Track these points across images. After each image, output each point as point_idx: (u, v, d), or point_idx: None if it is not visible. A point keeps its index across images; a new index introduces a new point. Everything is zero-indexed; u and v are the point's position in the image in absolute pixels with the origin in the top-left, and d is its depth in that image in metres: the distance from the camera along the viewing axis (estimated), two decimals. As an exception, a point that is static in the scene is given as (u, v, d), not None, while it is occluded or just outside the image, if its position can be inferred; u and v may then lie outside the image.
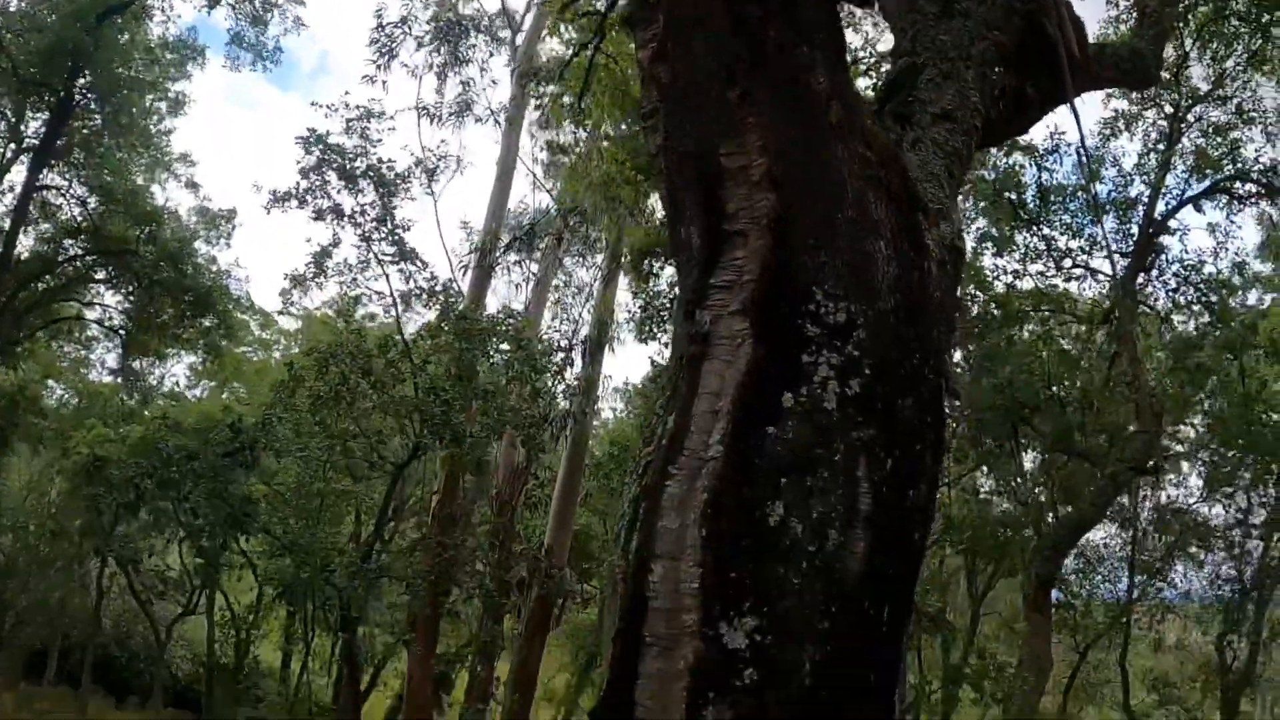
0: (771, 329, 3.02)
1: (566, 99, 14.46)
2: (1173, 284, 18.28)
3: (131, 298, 28.44)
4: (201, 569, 27.70)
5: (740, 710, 2.74)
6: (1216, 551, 28.03)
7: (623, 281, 21.23)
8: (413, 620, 19.55)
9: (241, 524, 15.10)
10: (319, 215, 19.03)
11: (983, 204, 17.93)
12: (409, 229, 19.11)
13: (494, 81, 36.46)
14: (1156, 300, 18.64)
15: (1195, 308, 18.13)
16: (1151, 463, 14.33)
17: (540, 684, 24.47)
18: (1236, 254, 19.12)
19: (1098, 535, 27.55)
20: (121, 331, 30.17)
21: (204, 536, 16.86)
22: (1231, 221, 19.52)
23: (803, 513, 2.84)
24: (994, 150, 17.53)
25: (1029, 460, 22.69)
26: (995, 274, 18.58)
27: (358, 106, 19.12)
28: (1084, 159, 17.06)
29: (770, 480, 2.85)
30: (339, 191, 18.79)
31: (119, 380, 33.46)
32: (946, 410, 3.46)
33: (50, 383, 38.11)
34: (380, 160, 18.71)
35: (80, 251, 27.73)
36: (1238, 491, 26.71)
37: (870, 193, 3.39)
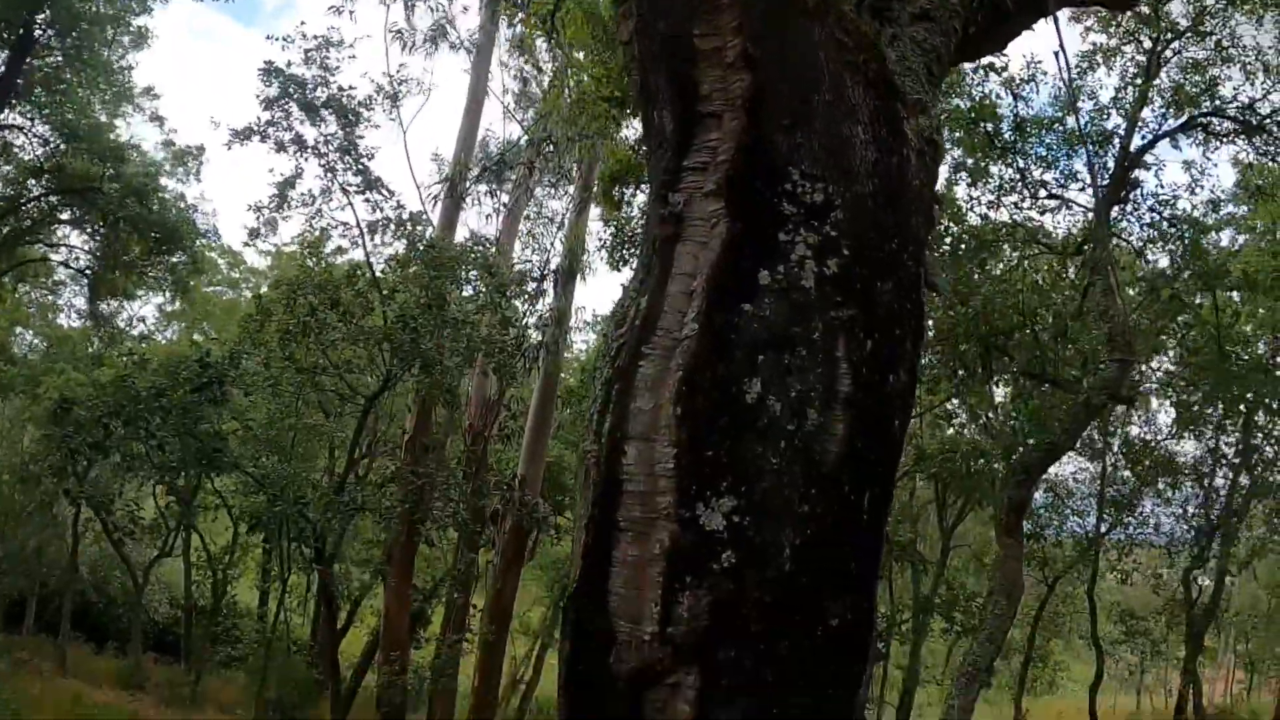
0: (746, 209, 2.91)
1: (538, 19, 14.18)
2: (1147, 218, 18.26)
3: (97, 237, 28.05)
4: (177, 512, 27.63)
5: (718, 594, 2.67)
6: (1184, 488, 28.43)
7: (594, 212, 21.06)
8: (388, 554, 19.53)
9: (212, 460, 14.89)
10: (281, 147, 18.90)
11: (958, 134, 17.79)
12: (373, 157, 18.88)
13: (464, 8, 35.89)
14: (1131, 235, 18.62)
15: (1170, 246, 18.10)
16: (1125, 391, 14.31)
17: (515, 617, 24.59)
18: (1211, 191, 19.15)
19: (1067, 469, 27.89)
20: (89, 272, 29.78)
21: (177, 476, 16.64)
22: (1207, 159, 19.49)
23: (780, 391, 2.75)
24: (970, 79, 17.41)
25: (1000, 394, 22.79)
26: (970, 205, 18.50)
27: (315, 36, 18.83)
28: (1064, 64, 16.89)
29: (747, 357, 2.76)
30: (301, 123, 18.56)
31: (88, 324, 33.10)
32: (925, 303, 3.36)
33: (19, 330, 37.74)
34: (340, 89, 18.41)
35: (44, 191, 27.23)
36: (1206, 429, 27.07)
37: (848, 77, 3.27)
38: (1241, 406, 23.75)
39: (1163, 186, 18.17)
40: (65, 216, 29.13)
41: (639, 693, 2.74)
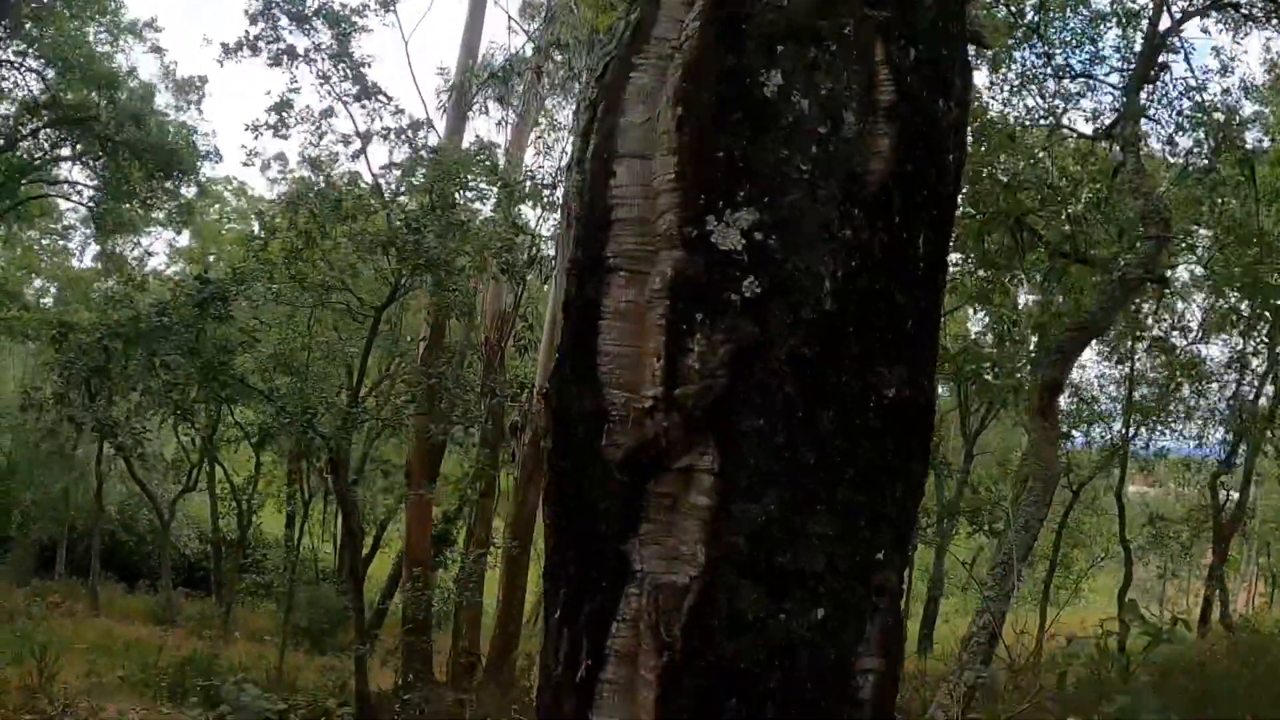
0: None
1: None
2: (1177, 105, 17.50)
3: (99, 168, 27.56)
4: (200, 445, 27.43)
5: (739, 338, 2.09)
6: (1210, 395, 27.87)
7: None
8: (408, 470, 19.17)
9: (217, 376, 14.42)
10: (274, 61, 18.42)
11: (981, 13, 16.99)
12: (369, 66, 18.28)
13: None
14: (1160, 120, 17.86)
15: (1200, 131, 17.30)
16: (1160, 269, 13.69)
17: (535, 533, 24.32)
18: (1242, 80, 18.33)
19: (1092, 372, 27.33)
20: (92, 206, 29.35)
21: (184, 397, 16.17)
22: (1237, 44, 18.65)
23: (806, 87, 2.16)
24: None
25: (1024, 299, 22.24)
26: (991, 94, 17.79)
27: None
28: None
29: (762, 48, 2.17)
30: (291, 33, 18.00)
31: (99, 265, 32.79)
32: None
33: (31, 275, 37.50)
34: (330, -5, 17.75)
35: (41, 125, 26.67)
36: (1234, 331, 26.44)
37: None
38: (1268, 313, 23.12)
39: (1192, 72, 17.37)
40: (65, 153, 28.63)
41: (640, 484, 2.21)
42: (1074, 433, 25.65)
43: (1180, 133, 17.73)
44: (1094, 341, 16.73)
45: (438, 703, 17.24)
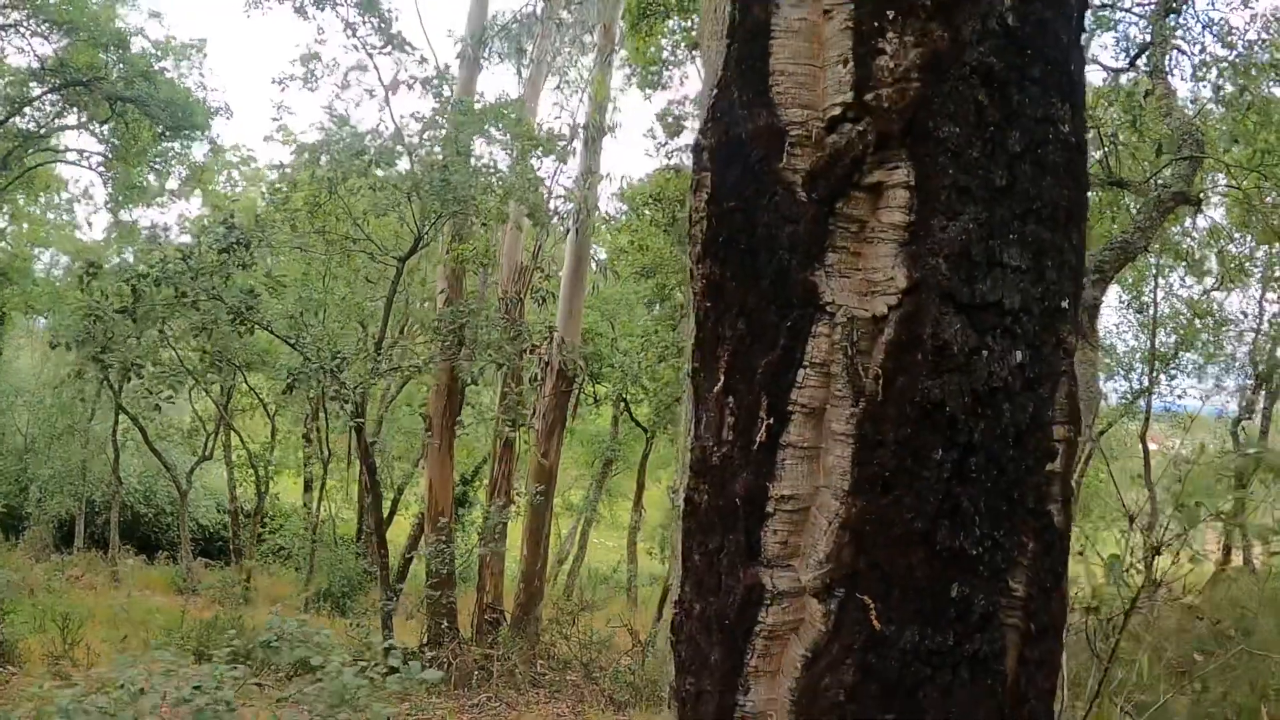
0: None
1: None
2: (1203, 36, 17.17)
3: (106, 134, 27.30)
4: (218, 410, 27.36)
5: (930, 41, 1.93)
6: (1229, 343, 27.68)
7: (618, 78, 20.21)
8: (428, 421, 19.03)
9: (243, 318, 14.28)
10: (299, 9, 18.30)
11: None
12: (397, 18, 18.09)
13: None
14: (1187, 46, 17.52)
15: (1224, 64, 16.96)
16: (1195, 192, 13.46)
17: (558, 495, 24.24)
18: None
19: (1110, 320, 27.12)
20: (102, 171, 29.13)
21: (208, 338, 16.01)
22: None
23: None
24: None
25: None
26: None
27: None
28: None
29: None
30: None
31: (112, 235, 32.59)
32: None
33: (39, 250, 37.35)
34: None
35: (47, 89, 26.41)
36: (1252, 279, 26.24)
37: None
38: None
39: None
40: (71, 121, 28.40)
41: (826, 207, 2.03)
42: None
43: (1204, 67, 17.44)
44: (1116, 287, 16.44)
45: (464, 657, 17.12)
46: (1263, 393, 27.69)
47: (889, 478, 1.95)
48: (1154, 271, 25.11)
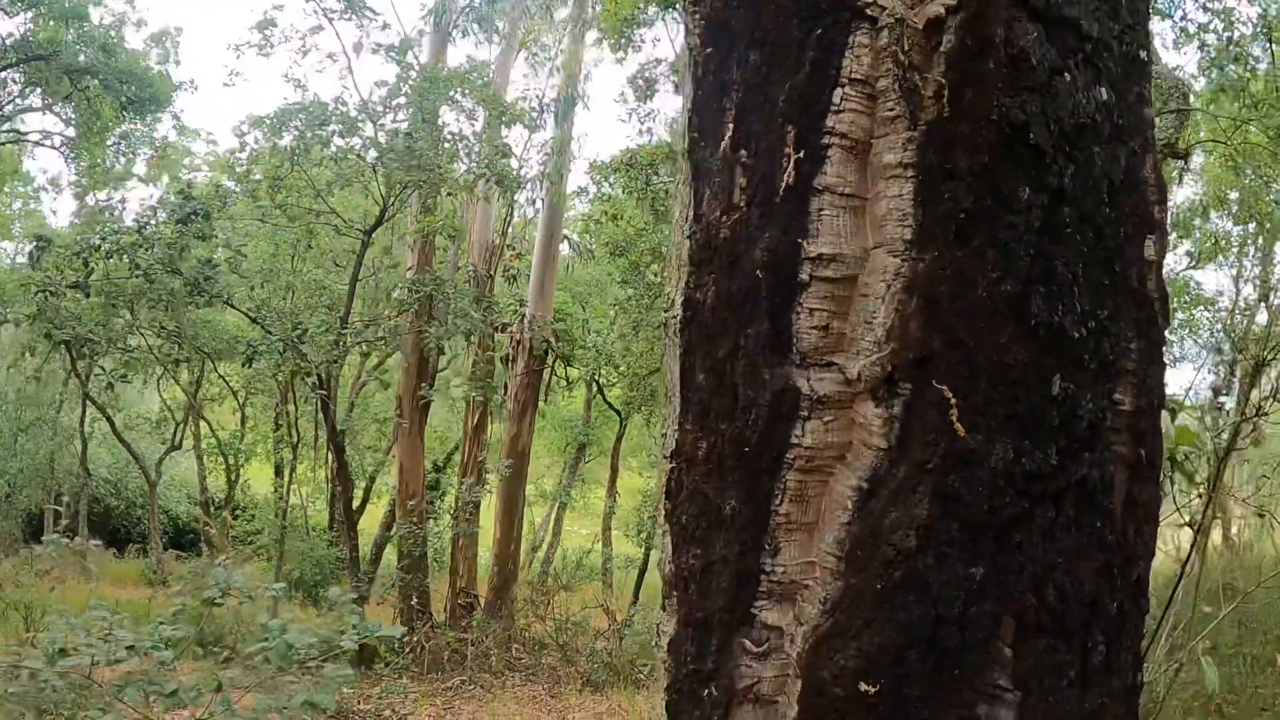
0: None
1: None
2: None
3: (70, 114, 26.60)
4: (188, 398, 26.78)
5: None
6: (1202, 324, 27.40)
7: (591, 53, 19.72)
8: (400, 404, 18.48)
9: (201, 290, 13.66)
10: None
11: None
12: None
13: None
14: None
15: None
16: (1182, 145, 13.06)
17: (530, 482, 23.75)
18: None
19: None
20: (64, 150, 28.42)
21: (166, 311, 15.43)
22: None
23: None
24: None
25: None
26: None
27: None
28: None
29: None
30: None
31: (77, 222, 31.90)
32: None
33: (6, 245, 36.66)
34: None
35: (6, 65, 25.65)
36: (1228, 256, 25.97)
37: None
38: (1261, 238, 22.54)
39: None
40: (37, 102, 27.69)
41: None
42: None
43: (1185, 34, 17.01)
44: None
45: (437, 641, 16.64)
46: (1237, 373, 27.41)
47: (965, 221, 1.41)
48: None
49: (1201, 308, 26.71)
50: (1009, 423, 1.42)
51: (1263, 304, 26.49)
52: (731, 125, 1.61)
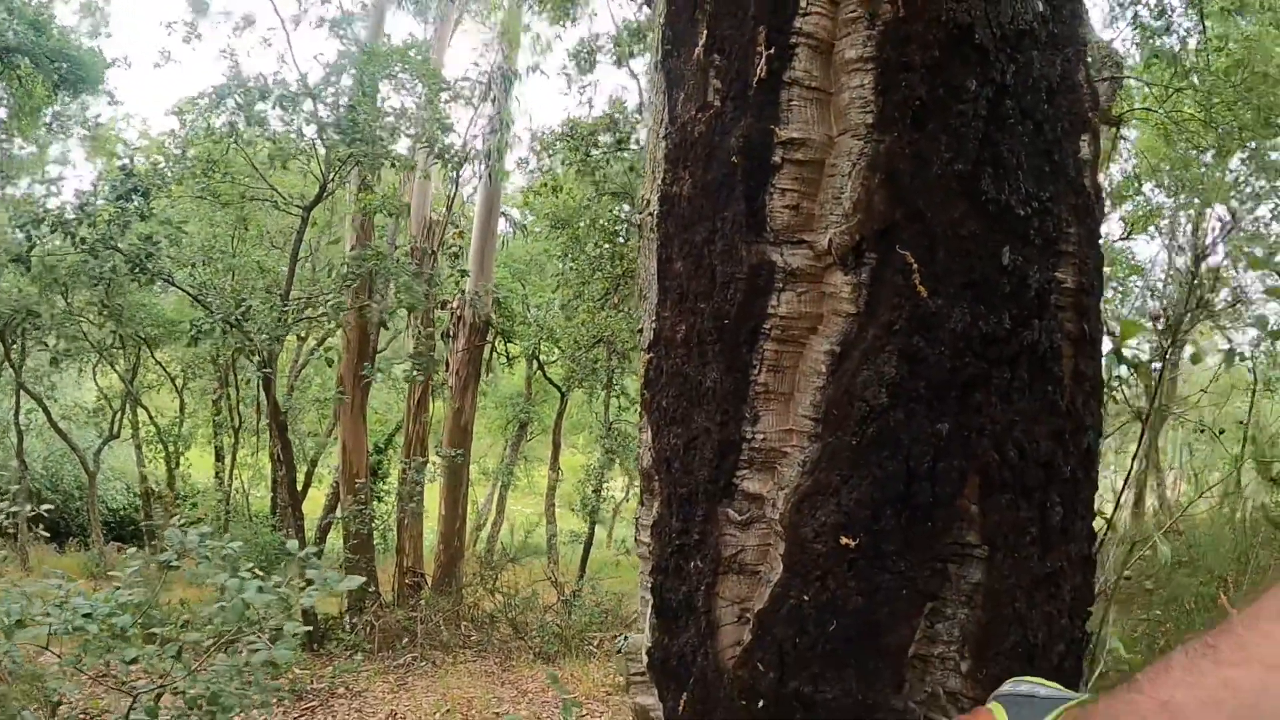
0: None
1: None
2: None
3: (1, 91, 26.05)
4: (125, 385, 26.42)
5: None
6: (1134, 294, 27.89)
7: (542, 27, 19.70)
8: (340, 380, 18.40)
9: (141, 267, 13.54)
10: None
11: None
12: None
13: None
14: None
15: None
16: (1113, 110, 13.33)
17: (474, 462, 23.76)
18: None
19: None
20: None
21: (108, 287, 15.26)
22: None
23: None
24: None
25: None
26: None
27: None
28: None
29: None
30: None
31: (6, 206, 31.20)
32: None
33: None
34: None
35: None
36: (1159, 227, 26.46)
37: None
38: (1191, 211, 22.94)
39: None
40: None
41: None
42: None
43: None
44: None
45: (386, 619, 16.65)
46: (1170, 343, 27.84)
47: (920, 108, 1.56)
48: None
49: (1135, 277, 27.24)
50: (966, 289, 1.56)
51: (1198, 273, 26.99)
52: (705, 32, 1.74)
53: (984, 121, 1.61)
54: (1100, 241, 1.88)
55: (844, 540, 1.57)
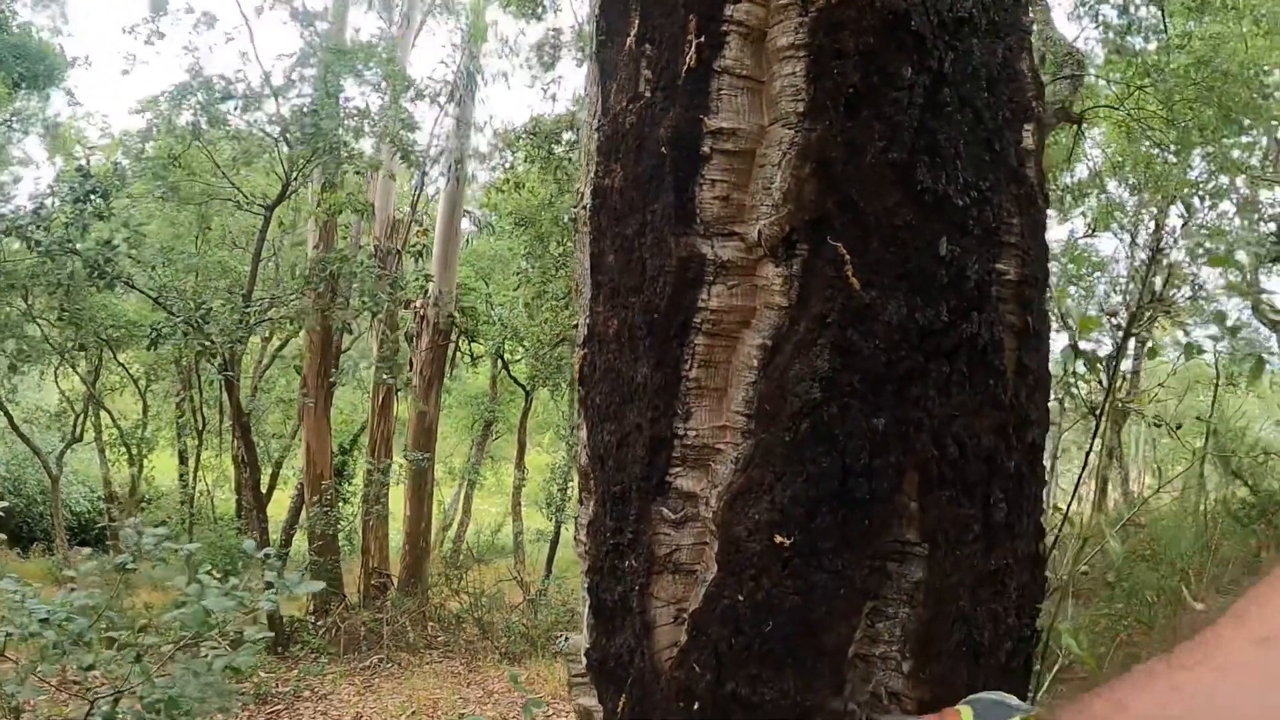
0: None
1: None
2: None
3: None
4: (87, 388, 26.17)
5: None
6: (1098, 289, 28.08)
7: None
8: (304, 381, 18.27)
9: (101, 271, 13.38)
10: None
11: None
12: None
13: None
14: None
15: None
16: (1076, 109, 13.44)
17: (439, 461, 23.67)
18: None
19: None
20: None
21: (65, 295, 15.10)
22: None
23: None
24: None
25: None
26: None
27: None
28: None
29: None
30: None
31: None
32: None
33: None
34: None
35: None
36: (1121, 222, 26.62)
37: None
38: (1154, 207, 23.13)
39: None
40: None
41: None
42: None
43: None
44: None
45: (352, 621, 16.58)
46: (1133, 338, 28.08)
47: (853, 95, 1.52)
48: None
49: (1098, 273, 27.44)
50: (901, 281, 1.53)
51: (1156, 268, 27.20)
52: (637, 21, 1.70)
53: (920, 110, 1.57)
54: (1045, 233, 1.85)
55: (779, 538, 1.54)
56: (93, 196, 13.70)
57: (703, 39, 1.61)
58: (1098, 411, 3.17)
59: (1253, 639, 0.84)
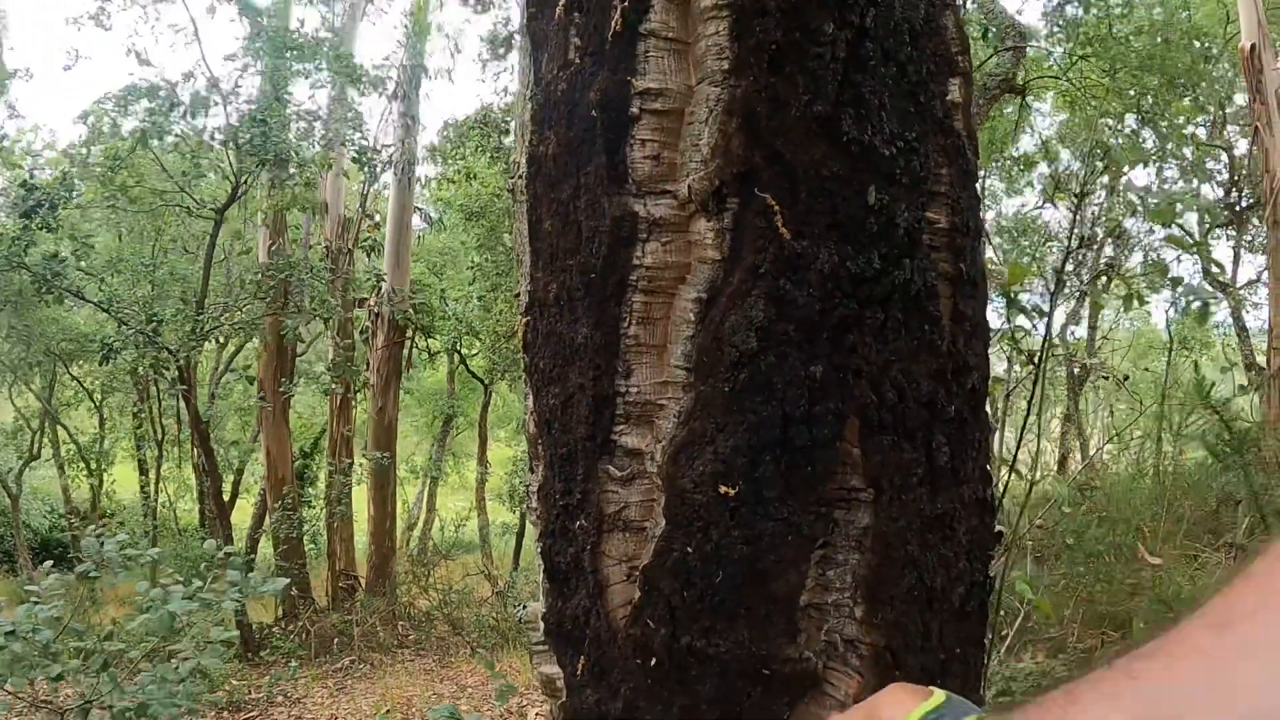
0: None
1: None
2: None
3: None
4: (42, 404, 25.91)
5: None
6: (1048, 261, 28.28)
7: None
8: (261, 386, 18.14)
9: (49, 286, 13.23)
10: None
11: None
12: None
13: None
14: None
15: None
16: (1020, 80, 13.59)
17: (401, 461, 23.58)
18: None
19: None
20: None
21: (14, 311, 14.93)
22: None
23: None
24: None
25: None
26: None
27: None
28: None
29: None
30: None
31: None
32: None
33: None
34: None
35: None
36: (1071, 193, 26.79)
37: None
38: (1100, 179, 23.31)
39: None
40: None
41: None
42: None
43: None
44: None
45: (321, 624, 16.52)
46: (1086, 305, 28.40)
47: (776, 51, 1.55)
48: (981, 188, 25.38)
49: (1049, 243, 27.65)
50: (831, 230, 1.56)
51: (1109, 238, 27.50)
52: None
53: (843, 64, 1.60)
54: (975, 183, 1.89)
55: (723, 489, 1.56)
56: (38, 210, 13.52)
57: (628, 3, 1.64)
58: (1038, 359, 3.23)
59: (1211, 624, 0.86)
